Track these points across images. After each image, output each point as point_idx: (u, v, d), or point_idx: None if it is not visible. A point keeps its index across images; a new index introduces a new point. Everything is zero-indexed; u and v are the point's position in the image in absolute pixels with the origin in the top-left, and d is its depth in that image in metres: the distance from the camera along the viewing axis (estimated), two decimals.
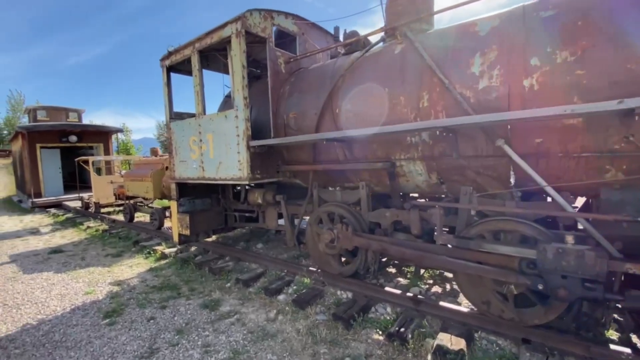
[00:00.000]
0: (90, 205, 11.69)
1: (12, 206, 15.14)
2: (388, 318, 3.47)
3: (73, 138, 15.65)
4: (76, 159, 12.87)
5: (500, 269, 2.79)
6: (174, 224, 5.70)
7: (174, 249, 6.16)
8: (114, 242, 7.39)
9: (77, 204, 13.05)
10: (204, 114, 4.94)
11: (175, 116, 5.68)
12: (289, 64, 4.84)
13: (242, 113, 4.31)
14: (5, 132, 37.05)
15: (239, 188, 6.05)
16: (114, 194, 10.92)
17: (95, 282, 4.90)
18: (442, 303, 3.45)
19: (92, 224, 9.55)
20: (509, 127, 2.77)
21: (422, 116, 3.19)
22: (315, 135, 3.86)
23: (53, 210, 12.82)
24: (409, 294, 3.68)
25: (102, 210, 11.52)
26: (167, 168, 7.97)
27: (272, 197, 5.00)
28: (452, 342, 2.86)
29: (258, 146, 4.34)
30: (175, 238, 5.73)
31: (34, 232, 9.07)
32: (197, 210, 5.74)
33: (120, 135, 25.68)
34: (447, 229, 4.04)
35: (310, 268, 4.58)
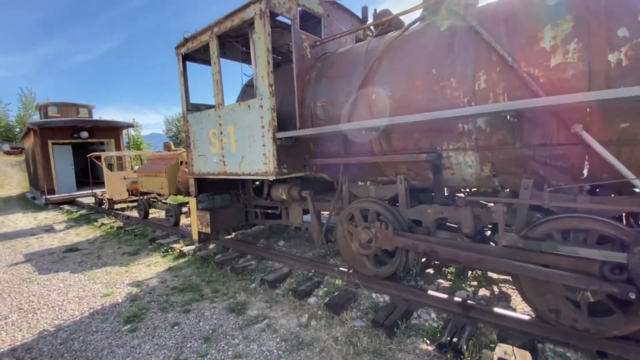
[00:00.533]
0: (104, 201, 11.57)
1: (26, 203, 15.13)
2: (435, 325, 3.15)
3: (84, 134, 15.57)
4: (88, 155, 12.73)
5: (578, 275, 2.42)
6: (193, 222, 5.43)
7: (192, 247, 5.91)
8: (130, 239, 7.17)
9: (91, 201, 12.95)
10: (224, 104, 4.61)
11: (193, 108, 5.36)
12: (314, 48, 4.46)
13: (267, 102, 3.96)
14: (17, 129, 37.41)
15: (257, 183, 5.76)
16: (127, 190, 10.74)
17: (113, 283, 4.67)
18: (497, 309, 3.09)
19: (106, 220, 9.40)
20: (588, 110, 2.39)
21: (477, 100, 2.81)
22: (352, 124, 3.48)
23: (67, 207, 12.73)
24: (456, 299, 3.34)
25: (116, 206, 11.39)
26: (182, 163, 7.72)
27: (297, 193, 4.67)
28: (516, 354, 2.52)
29: (284, 138, 4.00)
30: (195, 236, 5.46)
31: (49, 229, 8.93)
32: (217, 207, 5.46)
33: (130, 130, 25.64)
34: (491, 226, 3.69)
35: (341, 268, 4.26)
